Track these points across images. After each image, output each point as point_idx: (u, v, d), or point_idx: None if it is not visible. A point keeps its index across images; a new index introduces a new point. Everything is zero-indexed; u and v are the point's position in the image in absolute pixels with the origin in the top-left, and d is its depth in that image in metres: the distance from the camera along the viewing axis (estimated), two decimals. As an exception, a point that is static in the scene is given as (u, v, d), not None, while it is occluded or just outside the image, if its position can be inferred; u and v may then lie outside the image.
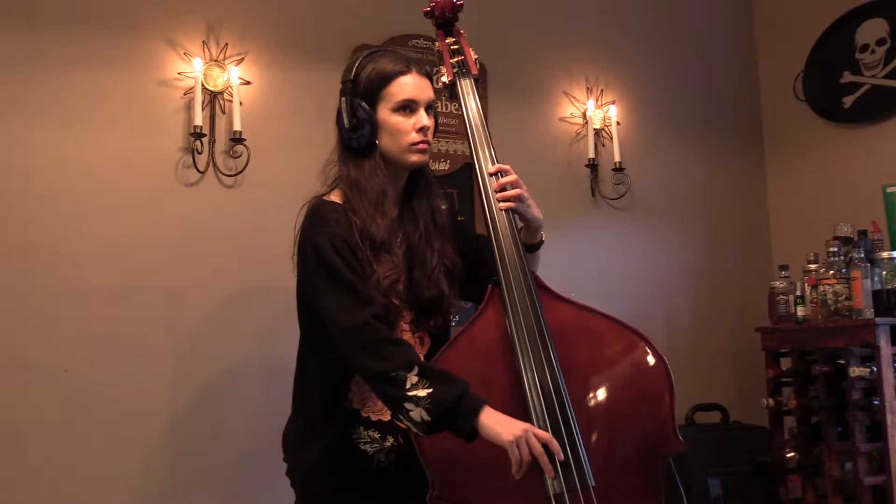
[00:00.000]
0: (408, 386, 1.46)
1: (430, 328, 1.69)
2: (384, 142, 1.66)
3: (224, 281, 2.60)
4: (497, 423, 1.44)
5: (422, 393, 1.45)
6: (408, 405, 1.45)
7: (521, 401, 1.50)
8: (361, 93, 1.65)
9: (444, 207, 1.78)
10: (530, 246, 1.72)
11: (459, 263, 1.73)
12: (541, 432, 1.45)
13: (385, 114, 1.65)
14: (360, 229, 1.60)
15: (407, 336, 1.66)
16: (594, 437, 1.53)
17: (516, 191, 1.65)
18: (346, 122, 1.66)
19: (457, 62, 1.77)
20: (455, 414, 1.45)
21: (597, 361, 1.60)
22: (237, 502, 2.53)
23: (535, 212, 1.69)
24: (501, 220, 1.64)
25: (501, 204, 1.65)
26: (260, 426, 2.44)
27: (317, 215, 1.63)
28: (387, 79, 1.65)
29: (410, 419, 1.46)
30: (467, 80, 1.76)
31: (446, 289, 1.68)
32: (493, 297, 1.62)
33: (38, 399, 2.34)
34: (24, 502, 2.29)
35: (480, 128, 1.72)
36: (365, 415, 1.63)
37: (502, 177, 1.67)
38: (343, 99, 1.66)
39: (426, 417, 1.45)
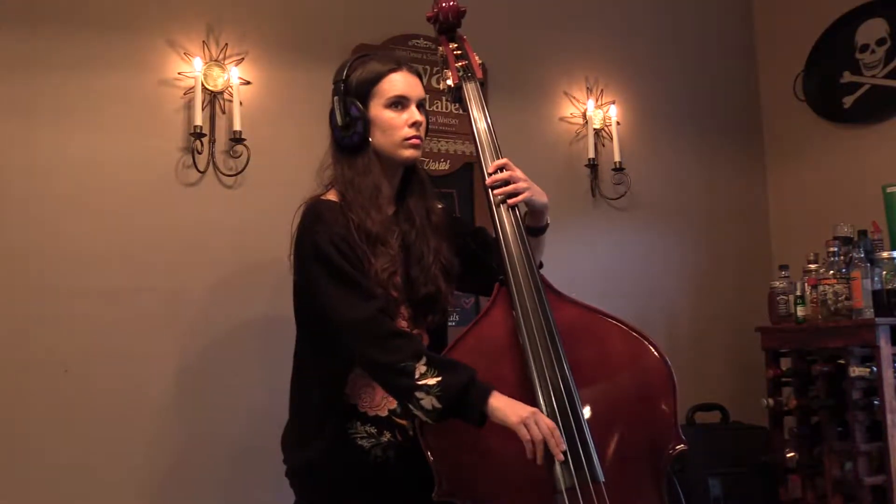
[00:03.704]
0: (417, 375, 1.48)
1: (429, 324, 1.71)
2: (377, 138, 1.68)
3: (224, 281, 2.60)
4: (506, 406, 1.47)
5: (431, 381, 1.48)
6: (418, 394, 1.48)
7: (530, 398, 1.52)
8: (353, 91, 1.68)
9: (439, 206, 1.80)
10: (536, 230, 1.73)
11: (456, 262, 1.75)
12: (546, 419, 1.47)
13: (377, 110, 1.68)
14: (356, 225, 1.62)
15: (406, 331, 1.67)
16: (601, 435, 1.54)
17: (511, 186, 1.66)
18: (339, 120, 1.68)
19: (461, 66, 1.79)
20: (465, 399, 1.48)
21: (602, 361, 1.62)
22: (237, 502, 2.52)
23: (538, 196, 1.71)
24: (507, 219, 1.66)
25: (500, 198, 1.66)
26: (260, 426, 2.43)
27: (314, 214, 1.64)
28: (378, 76, 1.69)
29: (421, 408, 1.48)
30: (472, 84, 1.78)
31: (443, 286, 1.70)
32: (500, 296, 1.64)
33: (38, 399, 2.34)
34: (25, 502, 2.29)
35: (486, 132, 1.73)
36: (362, 410, 1.64)
37: (500, 172, 1.68)
38: (335, 98, 1.69)
39: (437, 405, 1.47)
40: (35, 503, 2.30)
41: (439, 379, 1.48)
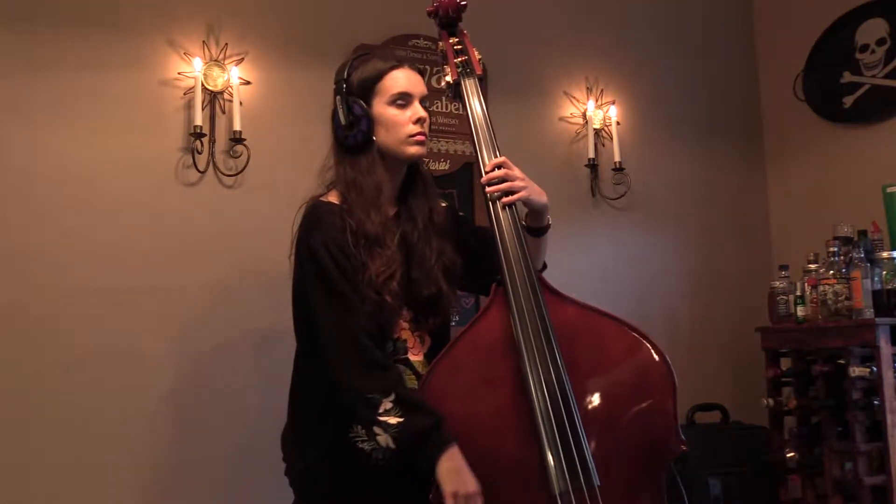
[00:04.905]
0: (380, 410, 1.49)
1: (430, 327, 1.70)
2: (381, 136, 1.67)
3: (223, 281, 2.60)
4: (452, 473, 1.46)
5: (392, 420, 1.48)
6: (376, 429, 1.48)
7: (526, 400, 1.51)
8: (356, 90, 1.67)
9: (443, 205, 1.78)
10: (537, 230, 1.72)
11: (458, 262, 1.73)
12: None
13: (381, 108, 1.67)
14: (354, 229, 1.60)
15: (406, 335, 1.67)
16: (598, 437, 1.53)
17: (506, 185, 1.64)
18: (342, 119, 1.67)
19: (461, 62, 1.77)
20: (419, 449, 1.48)
21: (600, 361, 1.60)
22: (237, 501, 2.52)
23: (536, 196, 1.68)
24: (504, 219, 1.64)
25: (496, 195, 1.64)
26: (259, 425, 2.43)
27: (313, 218, 1.63)
28: (380, 74, 1.68)
29: (377, 443, 1.49)
30: (471, 80, 1.76)
31: (445, 287, 1.69)
32: (497, 297, 1.62)
33: (38, 399, 2.34)
34: (25, 502, 2.29)
35: (485, 128, 1.71)
36: None
37: (497, 170, 1.66)
38: (338, 98, 1.67)
39: (391, 445, 1.48)
40: (35, 503, 2.30)
41: (401, 420, 1.47)
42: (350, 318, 1.54)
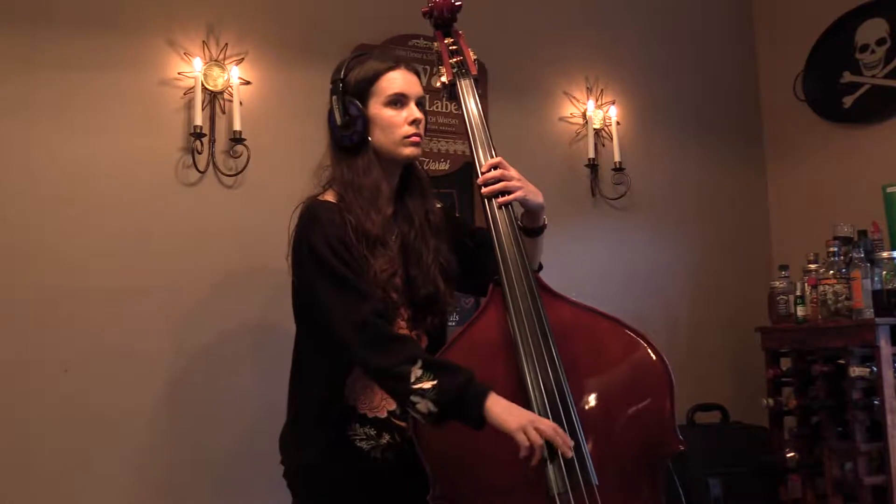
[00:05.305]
0: (412, 379, 1.47)
1: (427, 326, 1.70)
2: (377, 137, 1.67)
3: (223, 281, 2.60)
4: (504, 411, 1.44)
5: (427, 385, 1.46)
6: (414, 398, 1.46)
7: (524, 400, 1.51)
8: (352, 90, 1.68)
9: (438, 206, 1.79)
10: (532, 230, 1.72)
11: (455, 262, 1.74)
12: (547, 421, 1.45)
13: (377, 109, 1.67)
14: (354, 228, 1.61)
15: (404, 333, 1.66)
16: (596, 436, 1.53)
17: (501, 185, 1.65)
18: (338, 119, 1.67)
19: (456, 62, 1.77)
20: (461, 403, 1.46)
21: (598, 361, 1.61)
22: (236, 501, 2.52)
23: (532, 196, 1.68)
24: (501, 219, 1.64)
25: (490, 192, 1.65)
26: (259, 426, 2.43)
27: (311, 216, 1.64)
28: (376, 75, 1.68)
29: (418, 412, 1.47)
30: (467, 81, 1.76)
31: (442, 286, 1.69)
32: (494, 297, 1.63)
33: (38, 399, 2.34)
34: (25, 502, 2.29)
35: (480, 128, 1.72)
36: (361, 412, 1.63)
37: (493, 171, 1.66)
38: (334, 98, 1.68)
39: (433, 409, 1.46)
40: (34, 502, 2.30)
41: (435, 383, 1.46)
42: (357, 303, 1.54)
